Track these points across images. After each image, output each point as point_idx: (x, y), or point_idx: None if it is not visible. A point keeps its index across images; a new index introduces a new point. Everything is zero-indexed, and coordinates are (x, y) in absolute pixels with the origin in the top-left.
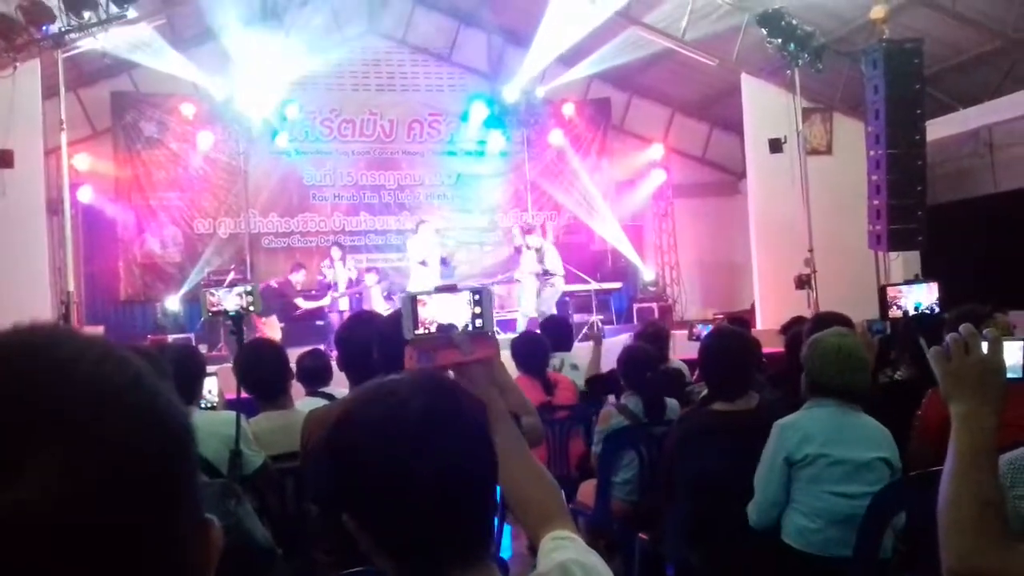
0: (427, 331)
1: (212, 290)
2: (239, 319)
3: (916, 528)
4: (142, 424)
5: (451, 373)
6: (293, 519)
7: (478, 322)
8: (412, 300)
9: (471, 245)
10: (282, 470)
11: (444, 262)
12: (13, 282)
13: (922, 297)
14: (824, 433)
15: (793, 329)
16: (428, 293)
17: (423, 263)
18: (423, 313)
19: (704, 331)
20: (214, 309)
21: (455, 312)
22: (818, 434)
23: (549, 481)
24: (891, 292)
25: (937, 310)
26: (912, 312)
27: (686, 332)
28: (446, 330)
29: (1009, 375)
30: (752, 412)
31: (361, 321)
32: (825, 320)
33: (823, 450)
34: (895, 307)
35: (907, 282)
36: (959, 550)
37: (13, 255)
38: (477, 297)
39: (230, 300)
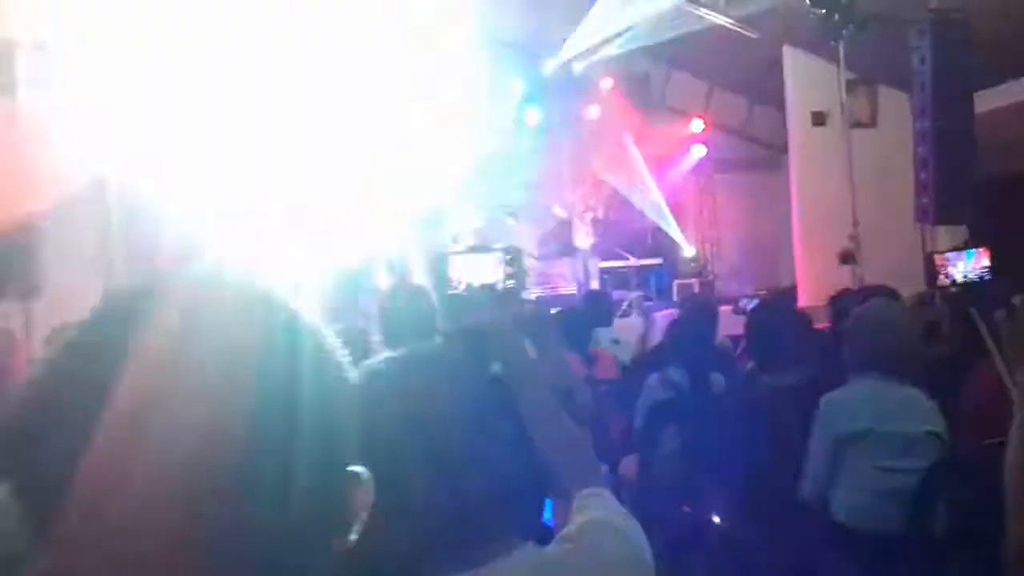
0: (458, 290)
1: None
2: None
3: (969, 504)
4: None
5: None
6: None
7: (510, 282)
8: (443, 260)
9: (507, 221)
10: None
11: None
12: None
13: (971, 265)
14: (872, 407)
15: (838, 302)
16: (459, 253)
17: (455, 239)
18: (454, 272)
19: (751, 305)
20: None
21: (486, 271)
22: (866, 408)
23: (578, 439)
24: (938, 260)
25: (987, 278)
26: (960, 280)
27: (730, 308)
28: (475, 289)
29: None
30: (800, 386)
31: (404, 293)
32: (871, 293)
33: (872, 424)
34: (942, 276)
35: (954, 249)
36: None
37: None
38: (509, 257)
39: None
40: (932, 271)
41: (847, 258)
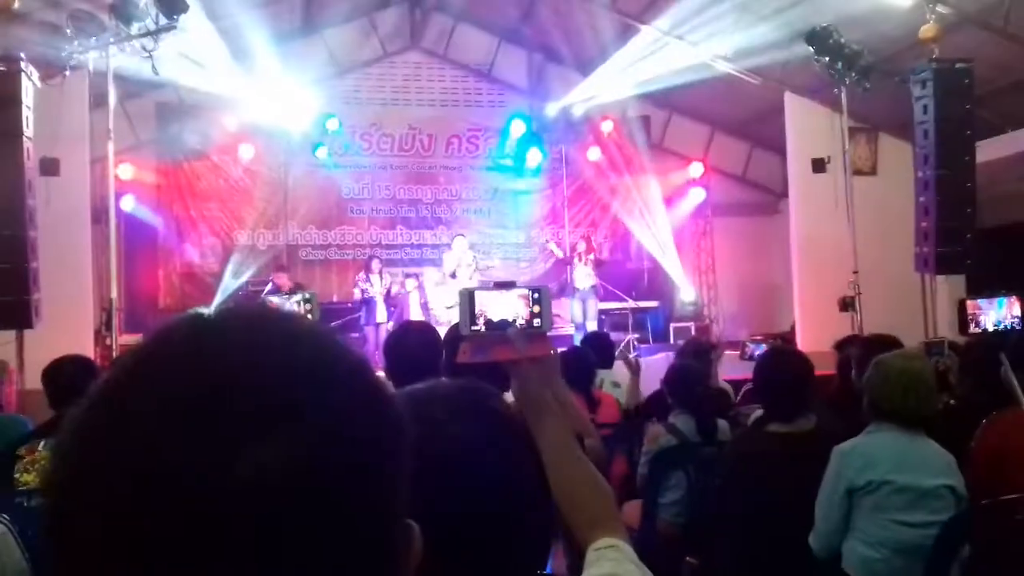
0: (482, 327)
1: (271, 297)
2: None
3: (984, 558)
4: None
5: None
6: None
7: (536, 321)
8: (469, 296)
9: (507, 260)
10: None
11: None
12: (58, 289)
13: (1002, 314)
14: (887, 459)
15: (844, 351)
16: (486, 289)
17: (453, 275)
18: (480, 309)
19: (757, 350)
20: None
21: (511, 310)
22: (881, 460)
23: (599, 484)
24: (970, 307)
25: (1019, 327)
26: (991, 329)
27: (735, 352)
28: (501, 326)
29: None
30: (810, 435)
31: (411, 330)
32: (877, 342)
33: (887, 476)
34: (974, 324)
35: (986, 296)
36: None
37: (58, 262)
38: (536, 295)
39: (289, 308)
40: (964, 318)
41: (847, 304)
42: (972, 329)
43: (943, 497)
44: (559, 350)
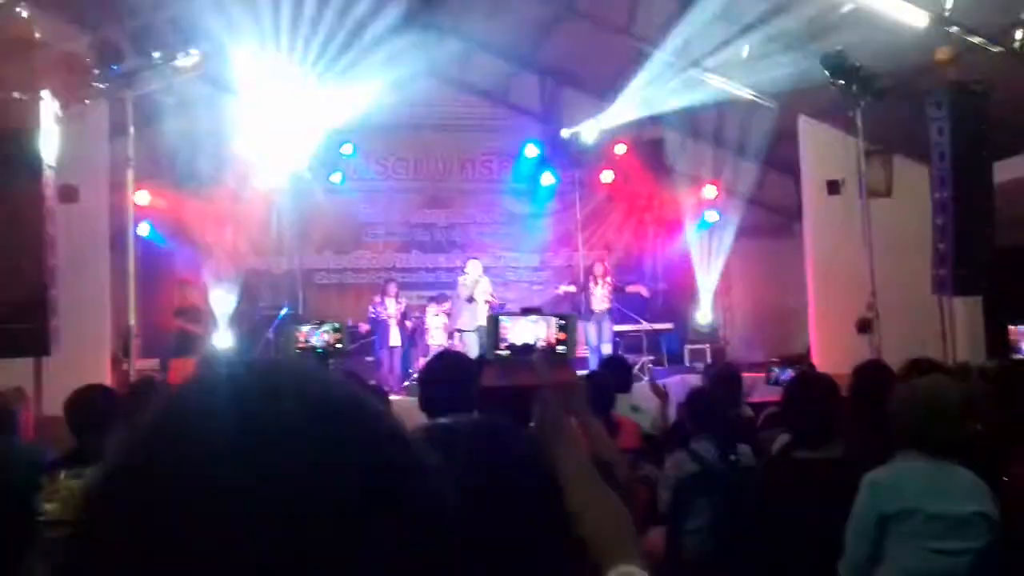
0: (508, 352)
1: (301, 327)
2: (325, 356)
3: None
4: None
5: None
6: None
7: (560, 348)
8: (496, 321)
9: (520, 284)
10: None
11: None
12: (76, 315)
13: None
14: (918, 486)
15: (864, 376)
16: (513, 315)
17: (470, 300)
18: (505, 335)
19: (783, 375)
20: (302, 346)
21: (538, 336)
22: (912, 487)
23: (616, 509)
24: (1012, 332)
25: None
26: None
27: (751, 375)
28: (526, 351)
29: None
30: (839, 461)
31: (451, 360)
32: (917, 367)
33: (918, 504)
34: (1016, 351)
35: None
36: None
37: (76, 289)
38: (563, 323)
39: (318, 337)
40: (1006, 343)
41: (864, 327)
42: (1016, 355)
43: (976, 524)
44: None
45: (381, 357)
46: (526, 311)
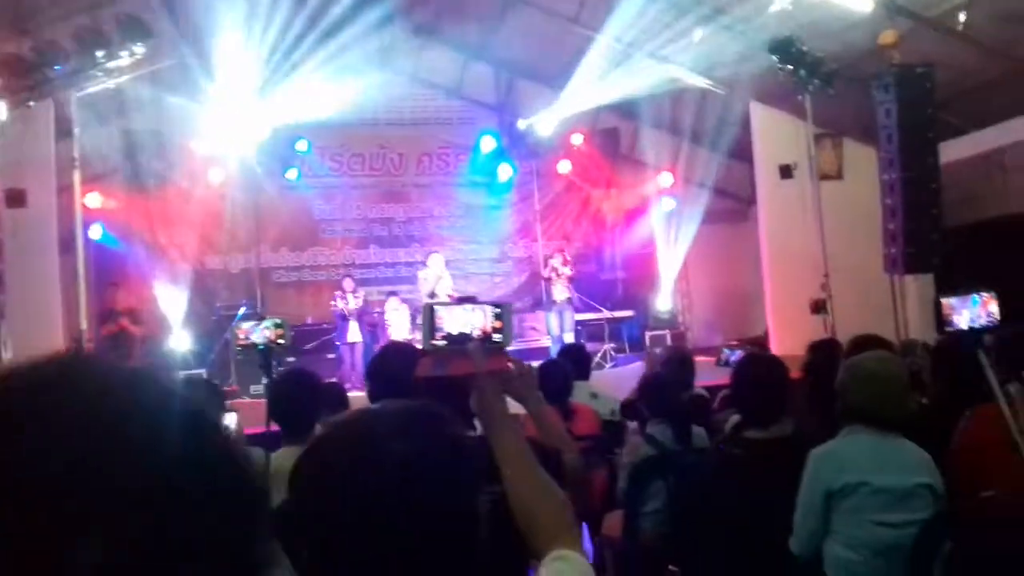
0: (444, 342)
1: (242, 324)
2: (267, 353)
3: (965, 555)
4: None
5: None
6: None
7: (497, 336)
8: (431, 311)
9: (481, 276)
10: None
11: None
12: (26, 320)
13: (976, 312)
14: (863, 461)
15: (818, 354)
16: (447, 305)
17: (432, 295)
18: (441, 324)
19: (732, 356)
20: (243, 343)
21: (473, 325)
22: (857, 462)
23: (554, 494)
24: (944, 307)
25: (995, 324)
26: (966, 327)
27: (710, 359)
28: (461, 341)
29: None
30: (789, 439)
31: (392, 351)
32: (863, 343)
33: (863, 478)
34: (948, 325)
35: (961, 294)
36: None
37: (25, 293)
38: (498, 311)
39: (259, 334)
40: (940, 318)
41: (818, 307)
42: (948, 328)
43: (922, 496)
44: (535, 363)
45: (342, 353)
46: (461, 300)
